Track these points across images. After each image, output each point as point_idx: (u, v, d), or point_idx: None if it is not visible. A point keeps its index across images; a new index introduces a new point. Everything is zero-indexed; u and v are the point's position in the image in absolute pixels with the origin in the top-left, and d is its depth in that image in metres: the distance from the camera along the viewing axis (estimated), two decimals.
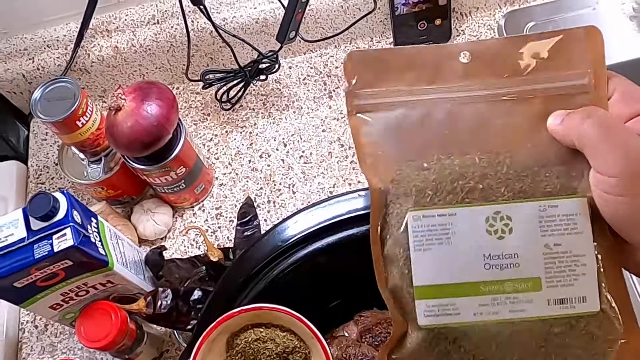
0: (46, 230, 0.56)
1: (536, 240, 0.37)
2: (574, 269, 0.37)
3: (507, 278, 0.37)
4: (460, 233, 0.38)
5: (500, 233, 0.38)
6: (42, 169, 0.88)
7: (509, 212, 0.38)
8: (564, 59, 0.39)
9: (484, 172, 0.38)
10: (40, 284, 0.59)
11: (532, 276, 0.37)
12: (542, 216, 0.37)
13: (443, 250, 0.38)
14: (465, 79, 0.40)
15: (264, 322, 0.52)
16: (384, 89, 0.40)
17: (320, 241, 0.61)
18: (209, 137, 0.86)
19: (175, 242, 0.79)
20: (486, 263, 0.37)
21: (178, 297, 0.66)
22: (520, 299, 0.37)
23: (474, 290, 0.37)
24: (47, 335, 0.76)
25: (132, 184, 0.79)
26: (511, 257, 0.37)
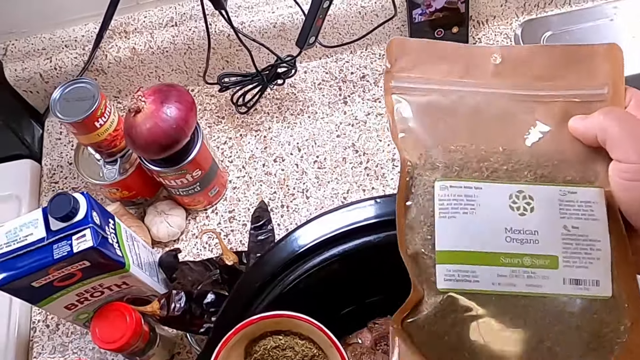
0: (66, 231, 0.56)
1: (556, 220, 0.39)
2: (590, 253, 0.38)
3: (527, 253, 0.38)
4: (485, 205, 0.39)
5: (522, 210, 0.39)
6: (55, 168, 0.89)
7: (531, 192, 0.40)
8: (585, 70, 0.42)
9: (508, 158, 0.41)
10: (58, 284, 0.59)
11: (550, 254, 0.38)
12: (562, 200, 0.39)
13: (467, 219, 0.39)
14: (494, 78, 0.43)
15: (283, 329, 0.52)
16: (420, 76, 0.43)
17: (336, 248, 0.61)
18: (223, 140, 0.87)
19: (188, 245, 0.79)
20: (507, 236, 0.39)
21: (191, 300, 0.66)
22: (538, 274, 0.38)
23: (494, 261, 0.38)
24: (59, 335, 0.76)
25: (146, 186, 0.79)
26: (531, 233, 0.39)
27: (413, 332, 0.39)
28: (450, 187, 0.40)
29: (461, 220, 0.39)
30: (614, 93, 0.41)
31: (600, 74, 0.42)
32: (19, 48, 0.86)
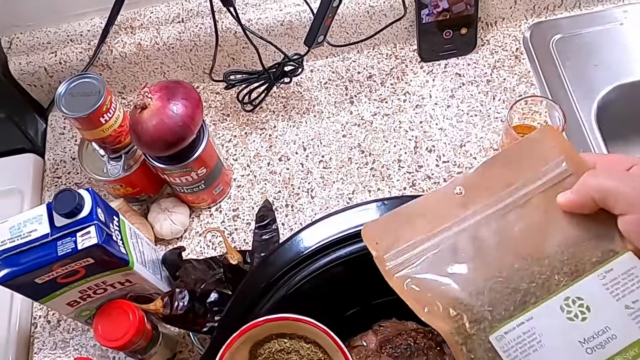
0: (70, 228, 0.56)
1: (615, 306, 0.38)
2: None
3: (614, 352, 0.37)
4: (547, 331, 0.39)
5: (581, 315, 0.39)
6: (59, 163, 0.88)
7: (575, 293, 0.39)
8: (536, 159, 0.44)
9: (531, 274, 0.41)
10: (61, 281, 0.58)
11: (635, 340, 0.38)
12: (606, 283, 0.39)
13: (540, 354, 0.38)
14: (466, 209, 0.45)
15: (288, 332, 0.51)
16: (405, 244, 0.45)
17: (342, 250, 0.60)
18: (227, 138, 0.86)
19: (191, 243, 0.79)
20: (587, 348, 0.38)
21: (195, 299, 0.66)
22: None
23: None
24: (60, 331, 0.75)
25: (150, 182, 0.79)
26: (604, 331, 0.38)
27: None
28: (505, 333, 0.39)
29: (535, 358, 0.38)
30: (575, 163, 0.43)
31: (550, 154, 0.44)
32: (23, 41, 0.85)
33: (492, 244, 0.43)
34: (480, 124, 0.82)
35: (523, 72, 0.85)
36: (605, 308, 0.38)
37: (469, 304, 0.41)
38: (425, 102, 0.84)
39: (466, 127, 0.82)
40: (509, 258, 0.42)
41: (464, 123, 0.82)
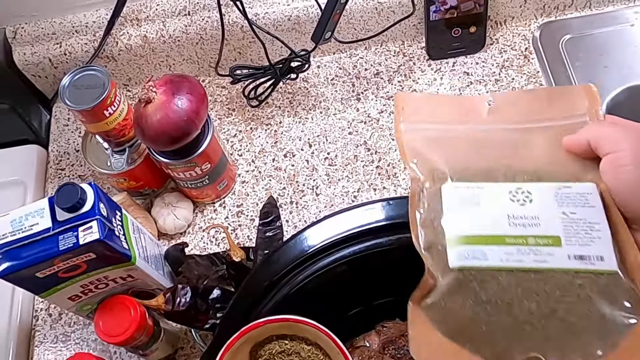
0: (72, 222, 0.55)
1: (554, 208, 0.44)
2: (590, 233, 0.42)
3: (530, 234, 0.43)
4: (487, 199, 0.45)
5: (522, 201, 0.44)
6: (62, 155, 0.87)
7: (529, 188, 0.45)
8: (568, 104, 0.49)
9: (508, 168, 0.47)
10: (62, 275, 0.58)
11: (553, 234, 0.42)
12: (558, 193, 0.44)
13: (472, 210, 0.45)
14: (490, 116, 0.50)
15: (289, 333, 0.51)
16: (426, 119, 0.51)
17: (347, 249, 0.60)
18: (233, 133, 0.85)
19: (194, 238, 0.78)
20: (510, 222, 0.44)
21: (197, 295, 0.65)
22: (543, 251, 0.42)
23: (500, 241, 0.43)
24: (61, 325, 0.75)
25: (154, 177, 0.78)
26: (533, 218, 0.43)
27: (429, 312, 0.43)
28: (455, 188, 0.46)
29: (467, 212, 0.45)
30: (594, 118, 0.48)
31: (580, 107, 0.48)
32: (28, 32, 0.84)
33: (494, 145, 0.48)
34: None
35: (532, 72, 0.84)
36: (544, 205, 0.44)
37: (445, 171, 0.47)
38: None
39: None
40: (500, 157, 0.47)
41: None
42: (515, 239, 0.43)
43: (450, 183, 0.46)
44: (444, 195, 0.46)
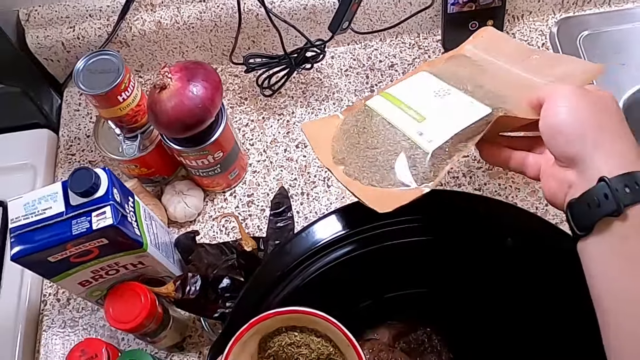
0: (86, 207, 0.55)
1: (448, 108, 0.56)
2: (444, 130, 0.54)
3: (414, 108, 0.57)
4: (430, 87, 0.60)
5: (440, 95, 0.58)
6: (73, 139, 0.87)
7: (454, 91, 0.58)
8: (568, 71, 0.58)
9: (470, 79, 0.60)
10: (74, 260, 0.58)
11: (424, 115, 0.56)
12: (463, 103, 0.56)
13: (414, 88, 0.61)
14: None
15: (299, 325, 0.50)
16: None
17: (359, 242, 0.59)
18: (245, 122, 0.85)
19: (204, 227, 0.78)
20: (417, 100, 0.59)
21: (207, 284, 0.65)
22: (408, 119, 0.57)
23: (399, 103, 0.59)
24: (69, 310, 0.75)
25: (165, 164, 0.78)
26: (429, 104, 0.58)
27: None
28: (429, 75, 0.62)
29: (411, 88, 0.61)
30: None
31: (577, 78, 0.56)
32: (42, 15, 0.84)
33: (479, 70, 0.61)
34: None
35: None
36: (445, 104, 0.57)
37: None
38: None
39: None
40: (476, 76, 0.60)
41: None
42: (406, 107, 0.58)
43: (431, 74, 0.61)
44: (419, 77, 0.62)
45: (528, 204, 0.74)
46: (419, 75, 0.62)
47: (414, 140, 0.55)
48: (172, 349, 0.71)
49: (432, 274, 0.61)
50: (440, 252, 0.59)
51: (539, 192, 0.74)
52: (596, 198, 0.42)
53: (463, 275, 0.59)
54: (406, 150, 0.54)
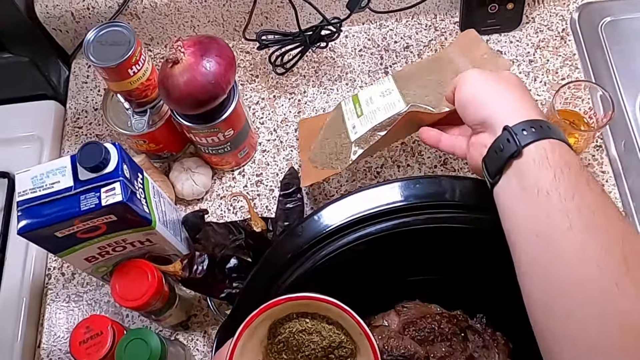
0: (95, 182, 0.53)
1: (377, 104, 0.69)
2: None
3: (361, 105, 0.71)
4: (381, 90, 0.71)
5: (383, 95, 0.70)
6: (80, 112, 0.86)
7: (395, 92, 0.69)
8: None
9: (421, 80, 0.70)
10: (81, 236, 0.56)
11: (378, 121, 0.67)
12: (383, 99, 0.70)
13: (374, 91, 0.72)
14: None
15: (310, 312, 0.49)
16: None
17: (372, 227, 0.58)
18: (255, 100, 0.83)
19: (212, 205, 0.77)
20: (369, 99, 0.71)
21: (214, 264, 0.64)
22: (352, 116, 0.71)
23: (360, 111, 0.71)
24: (74, 285, 0.74)
25: (174, 140, 0.76)
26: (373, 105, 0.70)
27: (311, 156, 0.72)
28: (391, 79, 0.72)
29: (371, 91, 0.72)
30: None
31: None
32: None
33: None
34: None
35: (568, 55, 0.81)
36: (382, 103, 0.68)
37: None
38: None
39: None
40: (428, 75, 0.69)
41: None
42: (358, 105, 0.70)
43: (391, 77, 0.72)
44: (385, 81, 0.72)
45: None
46: (387, 79, 0.72)
47: (348, 133, 0.68)
48: (177, 327, 0.70)
49: (446, 261, 0.60)
50: (455, 238, 0.58)
51: None
52: (501, 145, 0.48)
53: (477, 263, 0.58)
54: (342, 140, 0.68)
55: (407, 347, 0.56)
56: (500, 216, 0.49)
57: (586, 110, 0.72)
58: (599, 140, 0.75)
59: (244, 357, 0.47)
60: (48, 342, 0.71)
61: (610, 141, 0.75)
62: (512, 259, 0.48)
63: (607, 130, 0.76)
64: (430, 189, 0.59)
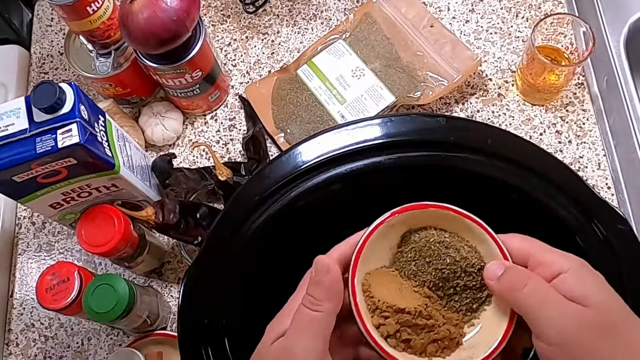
0: (50, 124, 0.51)
1: (360, 90, 0.73)
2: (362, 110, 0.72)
3: (333, 88, 0.73)
4: (348, 64, 0.74)
5: (357, 77, 0.73)
6: (45, 57, 0.82)
7: (366, 72, 0.73)
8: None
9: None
10: (41, 181, 0.55)
11: (342, 97, 0.72)
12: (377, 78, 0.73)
13: (340, 61, 0.75)
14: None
15: (450, 230, 0.44)
16: None
17: (343, 166, 0.56)
18: (227, 42, 0.80)
19: (183, 151, 0.75)
20: (339, 76, 0.74)
21: (186, 210, 0.63)
22: (332, 97, 0.72)
23: (324, 80, 0.73)
24: (45, 234, 0.73)
25: (142, 84, 0.74)
26: (339, 84, 0.73)
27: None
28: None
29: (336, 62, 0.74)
30: None
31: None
32: None
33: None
34: (500, 42, 0.76)
35: None
36: (359, 85, 0.72)
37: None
38: (443, 14, 0.78)
39: (484, 45, 0.76)
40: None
41: (482, 41, 0.76)
42: (330, 85, 0.72)
43: (348, 46, 0.74)
44: (338, 47, 0.75)
45: (522, 132, 0.71)
46: (338, 45, 0.74)
47: (336, 121, 0.70)
48: (150, 274, 0.69)
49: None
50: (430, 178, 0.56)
51: (534, 120, 0.71)
52: None
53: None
54: (324, 122, 0.71)
55: None
56: None
57: (567, 46, 0.70)
58: (580, 78, 0.73)
59: (372, 258, 0.42)
60: (20, 291, 0.70)
61: (593, 78, 0.73)
62: (489, 202, 0.44)
63: (589, 67, 0.74)
64: (404, 127, 0.57)
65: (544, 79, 0.69)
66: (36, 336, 0.69)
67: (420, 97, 0.70)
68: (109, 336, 0.68)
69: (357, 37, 0.75)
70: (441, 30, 0.73)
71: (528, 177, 0.53)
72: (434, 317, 0.39)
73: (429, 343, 0.39)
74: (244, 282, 0.55)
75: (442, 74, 0.70)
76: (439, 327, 0.39)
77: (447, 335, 0.39)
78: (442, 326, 0.39)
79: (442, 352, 0.39)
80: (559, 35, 0.70)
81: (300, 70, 0.74)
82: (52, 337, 0.68)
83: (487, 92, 0.73)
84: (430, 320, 0.39)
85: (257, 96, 0.74)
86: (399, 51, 0.73)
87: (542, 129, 0.71)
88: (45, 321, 0.69)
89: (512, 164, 0.53)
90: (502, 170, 0.54)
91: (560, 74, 0.67)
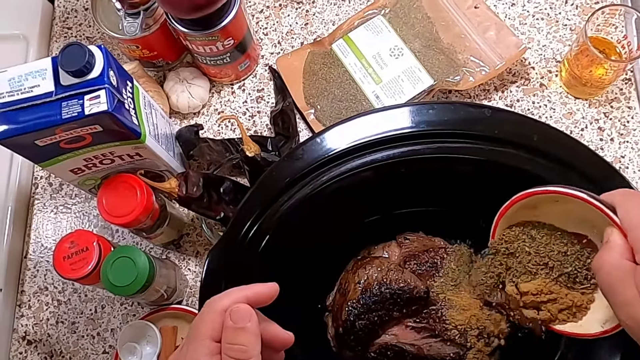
0: (78, 88, 0.49)
1: (396, 70, 0.70)
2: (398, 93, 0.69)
3: (367, 66, 0.70)
4: (388, 41, 0.71)
5: (396, 56, 0.70)
6: (70, 12, 0.79)
7: (406, 51, 0.70)
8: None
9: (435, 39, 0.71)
10: (64, 146, 0.52)
11: (378, 77, 0.69)
12: (418, 60, 0.70)
13: (380, 38, 0.71)
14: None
15: None
16: None
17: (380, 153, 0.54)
18: (259, 9, 0.76)
19: (208, 120, 0.72)
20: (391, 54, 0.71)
21: (208, 185, 0.60)
22: (368, 76, 0.69)
23: (361, 57, 0.70)
24: (62, 195, 0.71)
25: (170, 48, 0.71)
26: (378, 61, 0.70)
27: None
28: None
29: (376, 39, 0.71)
30: None
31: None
32: None
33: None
34: (546, 29, 0.72)
35: None
36: (399, 63, 0.69)
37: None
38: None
39: (529, 31, 0.72)
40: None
41: (528, 26, 0.72)
42: (367, 64, 0.69)
43: (388, 23, 0.71)
44: (377, 23, 0.72)
45: (562, 126, 0.68)
46: (376, 21, 0.71)
47: (370, 102, 0.68)
48: (168, 245, 0.68)
49: (453, 193, 0.56)
50: (466, 170, 0.54)
51: (575, 114, 0.68)
52: None
53: (486, 197, 0.54)
54: (358, 102, 0.68)
55: (406, 281, 0.53)
56: None
57: (619, 39, 0.66)
58: (628, 73, 0.69)
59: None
60: (35, 253, 0.69)
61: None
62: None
63: (638, 62, 0.70)
64: (446, 116, 0.54)
65: (591, 72, 0.65)
66: (49, 299, 0.67)
67: (460, 83, 0.67)
68: (122, 305, 0.67)
69: (397, 14, 0.71)
70: (486, 12, 0.69)
71: (575, 179, 0.50)
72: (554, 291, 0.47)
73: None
74: (269, 264, 0.53)
75: (484, 60, 0.67)
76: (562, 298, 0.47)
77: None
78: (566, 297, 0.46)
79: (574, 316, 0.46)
80: (610, 27, 0.66)
81: (335, 45, 0.71)
82: (65, 302, 0.67)
83: (528, 81, 0.70)
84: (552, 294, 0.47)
85: (288, 69, 0.71)
86: (440, 32, 0.69)
87: (584, 124, 0.67)
88: (59, 285, 0.68)
89: (560, 164, 0.51)
90: (547, 169, 0.51)
91: (610, 68, 0.64)
